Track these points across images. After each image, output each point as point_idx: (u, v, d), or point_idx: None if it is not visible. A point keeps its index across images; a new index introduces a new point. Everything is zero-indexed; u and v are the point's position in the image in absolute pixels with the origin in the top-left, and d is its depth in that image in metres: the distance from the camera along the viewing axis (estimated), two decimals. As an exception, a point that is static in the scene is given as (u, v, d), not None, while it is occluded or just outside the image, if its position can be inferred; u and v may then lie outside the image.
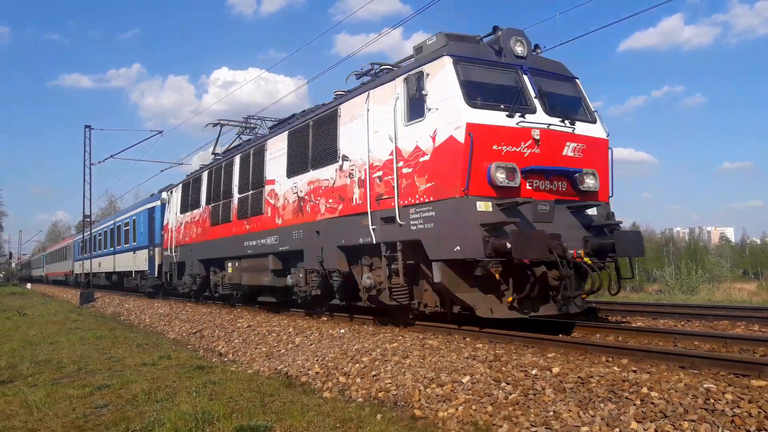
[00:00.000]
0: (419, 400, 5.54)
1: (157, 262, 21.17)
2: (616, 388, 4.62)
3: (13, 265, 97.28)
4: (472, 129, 7.12)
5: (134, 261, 24.29)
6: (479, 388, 5.33)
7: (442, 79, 7.55)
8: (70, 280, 40.71)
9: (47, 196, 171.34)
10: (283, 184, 11.55)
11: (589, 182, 7.99)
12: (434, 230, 7.55)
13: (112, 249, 29.20)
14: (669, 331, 7.67)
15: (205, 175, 16.37)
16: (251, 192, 12.98)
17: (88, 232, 31.08)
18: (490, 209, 7.17)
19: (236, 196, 13.76)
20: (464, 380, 5.58)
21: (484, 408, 4.98)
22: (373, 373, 6.53)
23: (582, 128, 8.15)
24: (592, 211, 8.21)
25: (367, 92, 9.10)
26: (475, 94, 7.52)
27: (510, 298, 7.28)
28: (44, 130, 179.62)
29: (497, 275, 6.99)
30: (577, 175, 7.91)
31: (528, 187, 7.55)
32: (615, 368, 5.12)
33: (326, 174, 9.98)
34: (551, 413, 4.55)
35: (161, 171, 70.05)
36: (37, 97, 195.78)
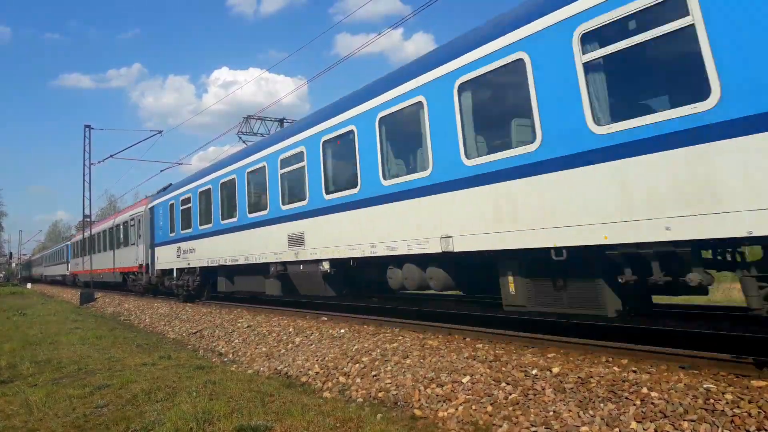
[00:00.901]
0: (419, 400, 5.54)
1: None
2: (616, 388, 4.62)
3: (14, 265, 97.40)
4: None
5: None
6: (479, 388, 5.34)
7: None
8: (143, 281, 21.76)
9: (47, 196, 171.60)
10: None
11: None
12: None
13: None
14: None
15: None
16: None
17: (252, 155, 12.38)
18: None
19: None
20: (464, 380, 5.58)
21: (484, 408, 4.98)
22: (373, 373, 6.53)
23: None
24: None
25: None
26: None
27: None
28: (44, 130, 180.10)
29: None
30: None
31: None
32: (615, 368, 5.12)
33: None
34: (551, 413, 4.55)
35: (161, 171, 70.00)
36: (37, 97, 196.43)
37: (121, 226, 24.80)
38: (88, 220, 30.53)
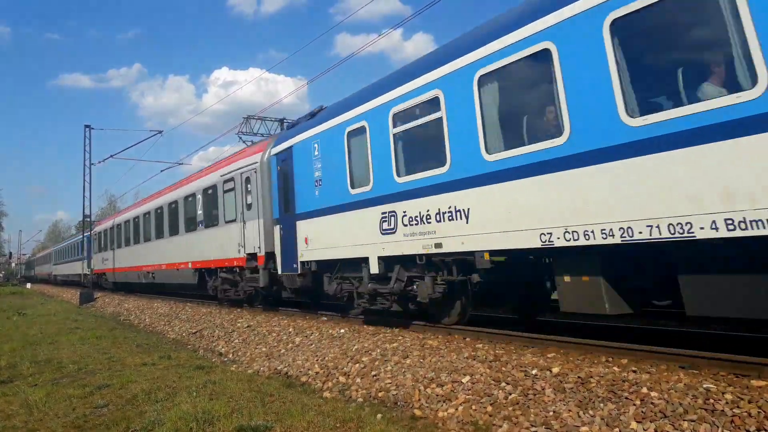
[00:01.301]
0: (419, 400, 5.54)
1: None
2: (616, 388, 4.62)
3: (13, 264, 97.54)
4: None
5: None
6: (479, 388, 5.34)
7: None
8: (258, 283, 12.23)
9: (47, 196, 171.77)
10: None
11: None
12: None
13: None
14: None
15: None
16: None
17: None
18: None
19: None
20: (464, 380, 5.58)
21: (484, 408, 4.98)
22: (373, 373, 6.53)
23: None
24: None
25: None
26: None
27: None
28: (44, 130, 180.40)
29: None
30: None
31: None
32: (615, 368, 5.12)
33: None
34: (551, 413, 4.55)
35: (161, 171, 69.86)
36: (37, 97, 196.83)
37: (200, 196, 14.73)
38: (88, 220, 30.54)
